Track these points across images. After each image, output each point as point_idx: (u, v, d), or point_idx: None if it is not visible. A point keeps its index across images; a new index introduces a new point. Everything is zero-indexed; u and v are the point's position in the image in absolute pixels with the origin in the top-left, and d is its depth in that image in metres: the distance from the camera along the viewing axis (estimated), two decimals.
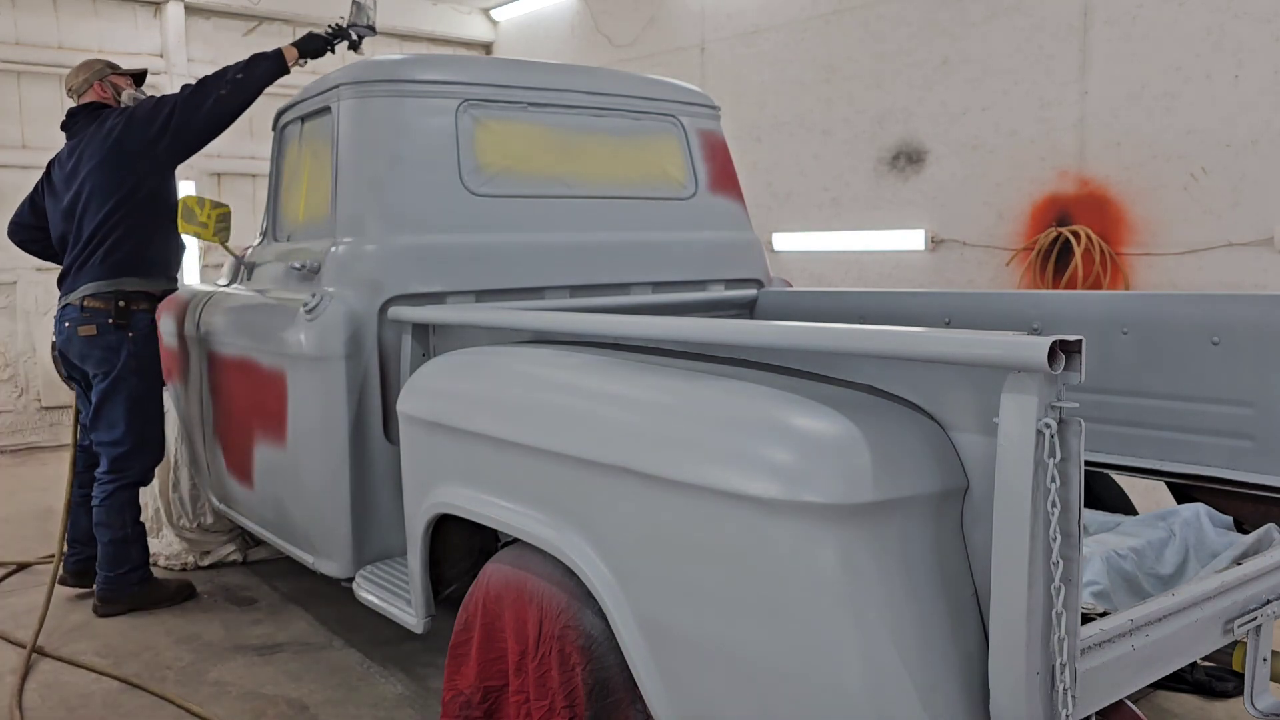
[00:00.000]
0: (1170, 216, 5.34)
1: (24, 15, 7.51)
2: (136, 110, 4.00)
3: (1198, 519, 2.44)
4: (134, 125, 3.94)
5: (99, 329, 3.94)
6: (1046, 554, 1.48)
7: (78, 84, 4.21)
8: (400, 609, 2.77)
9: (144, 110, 3.98)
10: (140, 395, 4.01)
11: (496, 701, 2.30)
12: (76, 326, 3.95)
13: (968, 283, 6.19)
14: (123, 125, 3.95)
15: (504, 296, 3.29)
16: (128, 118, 3.97)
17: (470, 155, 3.27)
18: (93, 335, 3.94)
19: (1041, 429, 1.45)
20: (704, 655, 1.78)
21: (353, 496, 3.06)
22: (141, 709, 3.24)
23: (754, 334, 1.96)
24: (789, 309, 3.78)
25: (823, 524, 1.60)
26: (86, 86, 4.20)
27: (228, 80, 3.92)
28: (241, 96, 3.94)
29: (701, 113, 3.90)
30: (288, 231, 3.68)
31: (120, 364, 3.95)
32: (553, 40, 9.14)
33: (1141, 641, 1.74)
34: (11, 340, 7.63)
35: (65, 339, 4.02)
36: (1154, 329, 2.76)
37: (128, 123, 3.95)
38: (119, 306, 3.95)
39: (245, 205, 8.12)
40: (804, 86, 7.08)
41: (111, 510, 4.00)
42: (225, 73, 3.95)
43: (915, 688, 1.56)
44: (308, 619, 3.99)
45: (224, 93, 3.90)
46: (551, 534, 2.09)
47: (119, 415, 3.98)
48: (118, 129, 3.95)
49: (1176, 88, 5.27)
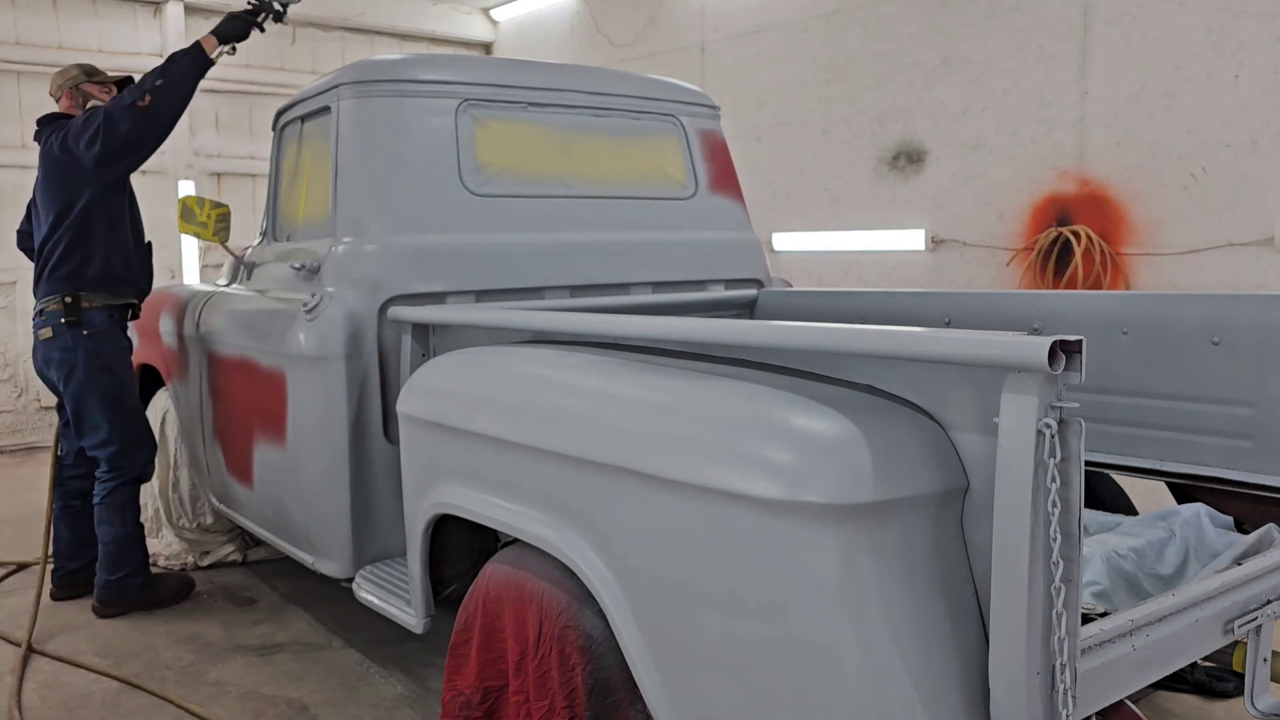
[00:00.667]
0: (1170, 216, 5.34)
1: (24, 15, 7.51)
2: (73, 123, 3.87)
3: (1198, 519, 2.44)
4: (68, 139, 3.82)
5: (54, 330, 3.87)
6: (1047, 554, 1.48)
7: (54, 89, 4.14)
8: (400, 609, 2.77)
9: (78, 123, 3.85)
10: (112, 392, 3.91)
11: (496, 702, 2.30)
12: (37, 331, 3.92)
13: (968, 283, 6.19)
14: (60, 139, 3.84)
15: (504, 296, 3.29)
16: (65, 132, 3.85)
17: (470, 155, 3.27)
18: (50, 338, 3.88)
19: (1042, 429, 1.45)
20: (704, 655, 1.78)
21: (352, 496, 3.06)
22: (141, 709, 3.24)
23: (754, 334, 1.96)
24: (789, 309, 3.78)
25: (823, 524, 1.60)
26: (60, 93, 4.11)
27: (147, 88, 3.73)
28: (168, 101, 3.76)
29: (701, 113, 3.90)
30: (288, 231, 3.68)
31: (80, 363, 3.85)
32: (553, 40, 9.14)
33: (1142, 641, 1.74)
34: (11, 340, 7.64)
35: (35, 348, 3.99)
36: (1154, 329, 2.76)
37: (64, 136, 3.84)
38: (67, 303, 3.84)
39: (245, 205, 8.13)
40: (804, 86, 7.08)
41: (111, 508, 3.96)
42: (144, 80, 3.78)
43: (915, 688, 1.56)
44: (308, 619, 3.99)
45: (145, 101, 3.72)
46: (551, 534, 2.09)
47: (99, 417, 3.91)
48: (56, 143, 3.85)
49: (1176, 88, 5.27)
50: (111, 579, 3.96)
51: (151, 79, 3.75)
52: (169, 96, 3.75)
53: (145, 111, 3.72)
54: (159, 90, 3.73)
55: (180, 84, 3.78)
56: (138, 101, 3.71)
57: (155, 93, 3.72)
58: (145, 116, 3.73)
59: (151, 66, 3.92)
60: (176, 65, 3.79)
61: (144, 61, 7.84)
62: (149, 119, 3.74)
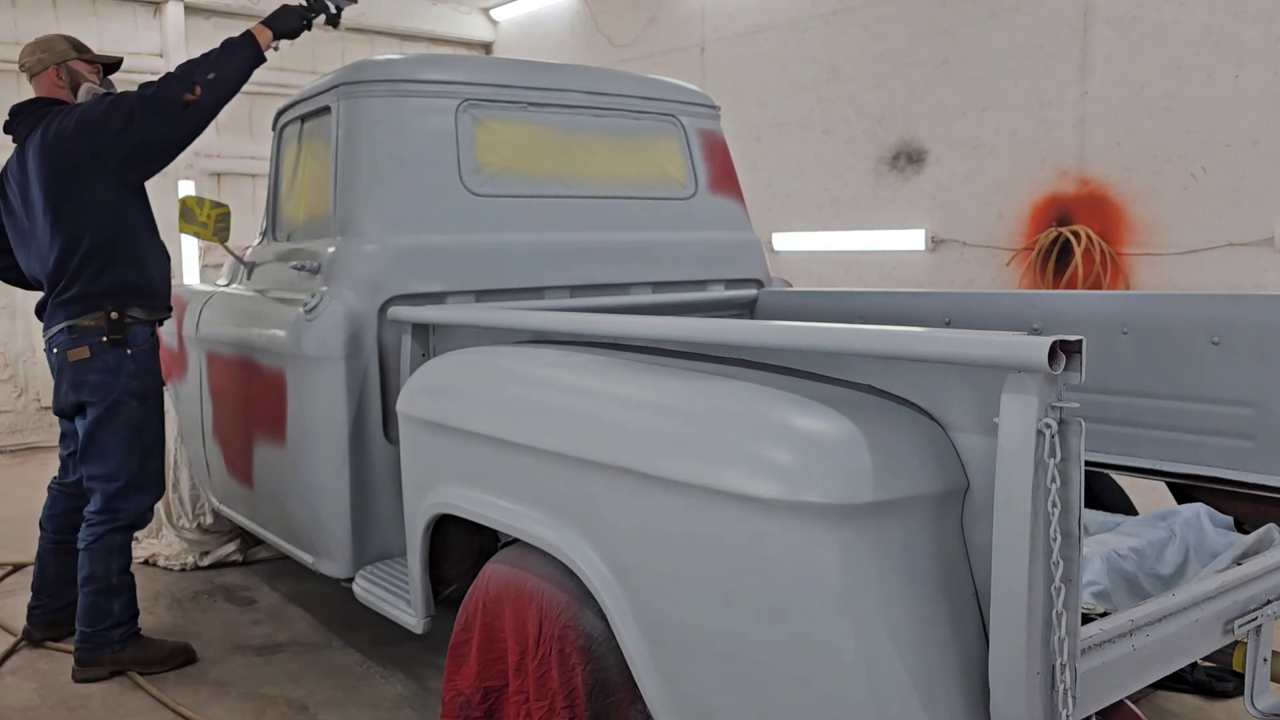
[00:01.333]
0: (1170, 216, 5.34)
1: (24, 15, 7.51)
2: (86, 111, 3.31)
3: (1198, 519, 2.44)
4: (83, 130, 3.27)
5: (92, 350, 3.35)
6: (1047, 554, 1.48)
7: (31, 62, 3.51)
8: (400, 609, 2.77)
9: (95, 111, 3.29)
10: (139, 423, 3.42)
11: (496, 702, 2.30)
12: (66, 351, 3.36)
13: (968, 283, 6.19)
14: (71, 130, 3.28)
15: (504, 296, 3.29)
16: (76, 120, 3.29)
17: (470, 155, 3.27)
18: (86, 359, 3.35)
19: (1042, 429, 1.45)
20: (704, 655, 1.78)
21: (352, 496, 3.06)
22: (141, 709, 3.24)
23: (754, 334, 1.96)
24: (789, 309, 3.78)
25: (823, 524, 1.60)
26: (41, 68, 3.50)
27: (198, 80, 3.26)
28: (220, 97, 3.33)
29: (701, 113, 3.90)
30: (288, 231, 3.68)
31: (119, 386, 3.37)
32: (553, 40, 9.14)
33: (1142, 642, 1.74)
34: (11, 340, 7.65)
35: (57, 368, 3.44)
36: (1154, 329, 2.76)
37: (76, 127, 3.28)
38: (111, 320, 3.34)
39: (245, 205, 8.13)
40: (804, 86, 7.08)
41: (96, 556, 3.40)
42: (193, 71, 3.28)
43: (915, 688, 1.56)
44: (308, 619, 3.99)
45: (196, 94, 3.26)
46: (551, 534, 2.09)
47: (114, 446, 3.39)
48: (66, 135, 3.28)
49: (1176, 88, 5.27)
50: (89, 631, 3.42)
51: (201, 71, 3.28)
52: (221, 91, 3.32)
53: (195, 106, 3.27)
54: (212, 84, 3.28)
55: (235, 79, 3.35)
56: (186, 94, 3.24)
57: (208, 86, 3.27)
58: (195, 111, 3.28)
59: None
60: (230, 58, 3.33)
61: (144, 61, 7.85)
62: (199, 114, 3.30)
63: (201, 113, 3.31)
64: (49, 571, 3.72)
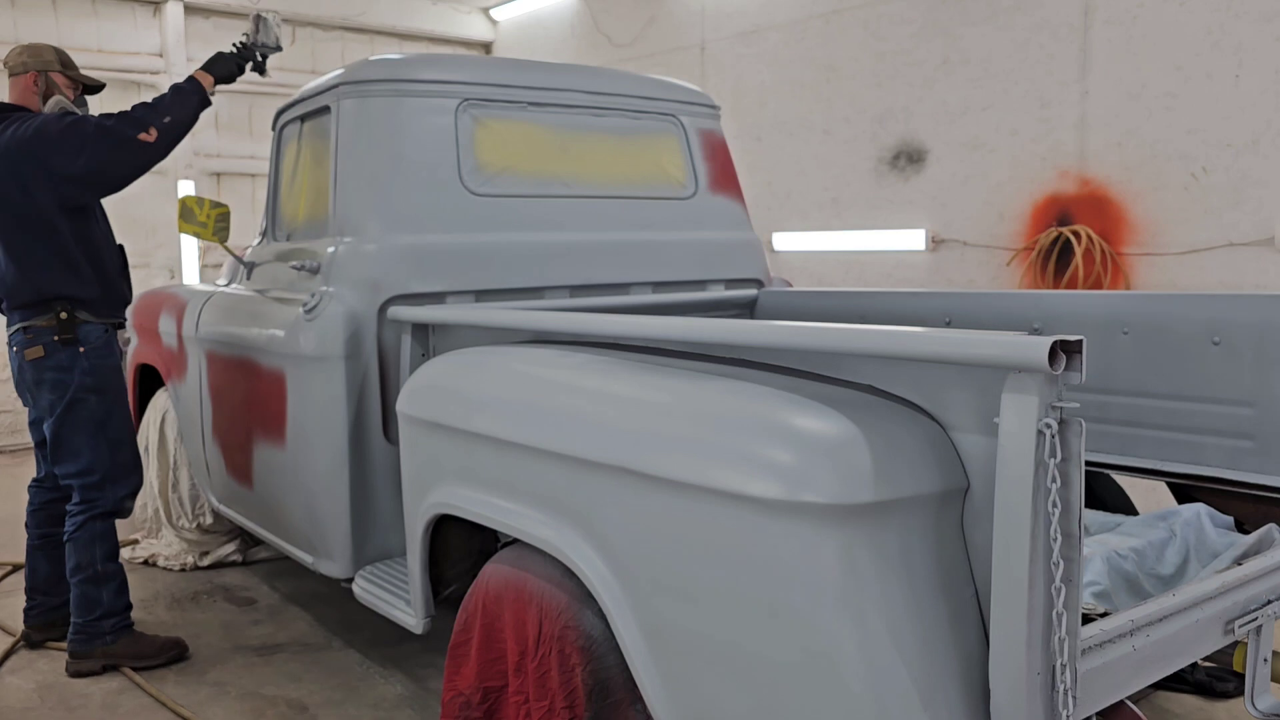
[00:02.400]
0: (1170, 216, 5.34)
1: (24, 15, 7.51)
2: (45, 125, 3.36)
3: (1198, 519, 2.44)
4: (37, 143, 3.32)
5: (46, 349, 3.42)
6: (1047, 554, 1.48)
7: (15, 63, 3.59)
8: (400, 609, 2.77)
9: (53, 128, 3.35)
10: (101, 417, 3.49)
11: (496, 702, 2.30)
12: (23, 350, 3.45)
13: (968, 283, 6.19)
14: (26, 139, 3.32)
15: (504, 296, 3.29)
16: (34, 131, 3.33)
17: (470, 155, 3.27)
18: (41, 357, 3.43)
19: (1042, 429, 1.45)
20: (704, 656, 1.78)
21: (352, 497, 3.06)
22: (140, 709, 3.24)
23: (754, 334, 1.96)
24: (789, 309, 3.78)
25: (823, 524, 1.60)
26: (22, 70, 3.58)
27: (153, 123, 3.40)
28: (171, 140, 3.47)
29: (701, 112, 3.90)
30: (287, 231, 3.68)
31: (74, 384, 3.43)
32: (553, 40, 9.14)
33: (1142, 642, 1.74)
34: None
35: (17, 367, 3.52)
36: (1154, 329, 2.76)
37: (31, 137, 3.32)
38: (62, 320, 3.41)
39: (245, 205, 8.13)
40: (804, 86, 7.08)
41: (80, 544, 3.48)
42: (145, 114, 3.42)
43: (915, 688, 1.56)
44: (307, 619, 3.99)
45: (151, 136, 3.39)
46: (551, 534, 2.09)
47: (80, 442, 3.47)
48: (20, 143, 3.32)
49: (1176, 88, 5.27)
50: (80, 622, 3.50)
51: (156, 115, 3.44)
52: (174, 135, 3.48)
53: (149, 146, 3.41)
54: (166, 128, 3.44)
55: (187, 124, 3.52)
56: (141, 134, 3.39)
57: (163, 130, 3.43)
58: (148, 151, 3.42)
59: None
60: (183, 105, 3.51)
61: (144, 61, 7.86)
62: (151, 154, 3.43)
63: (153, 153, 3.44)
64: (40, 569, 3.78)
